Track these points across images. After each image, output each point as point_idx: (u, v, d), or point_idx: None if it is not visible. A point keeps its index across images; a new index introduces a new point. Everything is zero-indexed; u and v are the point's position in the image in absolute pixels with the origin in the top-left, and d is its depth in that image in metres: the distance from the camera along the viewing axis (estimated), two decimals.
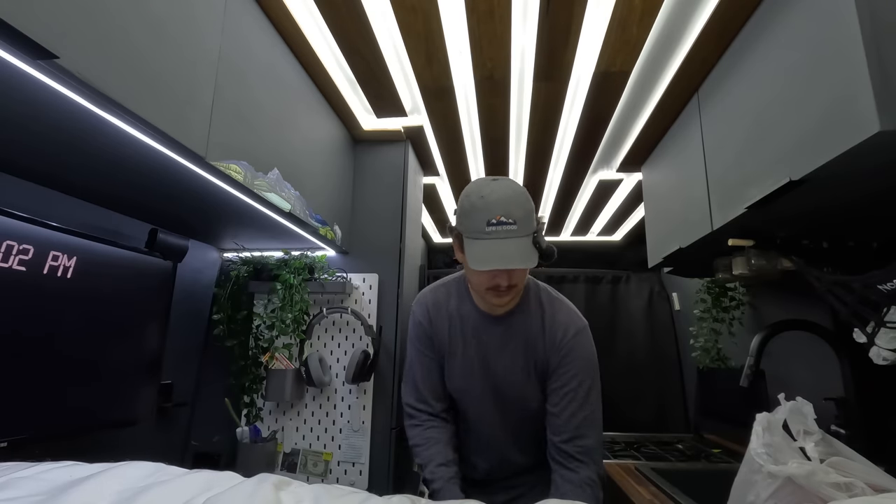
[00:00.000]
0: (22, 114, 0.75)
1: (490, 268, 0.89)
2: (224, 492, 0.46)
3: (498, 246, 0.88)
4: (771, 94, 0.95)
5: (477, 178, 1.01)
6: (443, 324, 1.09)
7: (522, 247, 0.90)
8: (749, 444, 0.75)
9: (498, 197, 0.90)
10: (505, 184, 0.94)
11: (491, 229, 0.88)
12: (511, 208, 0.89)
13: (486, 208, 0.89)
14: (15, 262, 0.93)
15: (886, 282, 0.85)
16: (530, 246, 0.91)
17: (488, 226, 0.88)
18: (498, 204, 0.89)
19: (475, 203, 0.91)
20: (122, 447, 1.29)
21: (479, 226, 0.89)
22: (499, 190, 0.92)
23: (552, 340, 1.02)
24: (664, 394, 2.57)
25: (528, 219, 0.91)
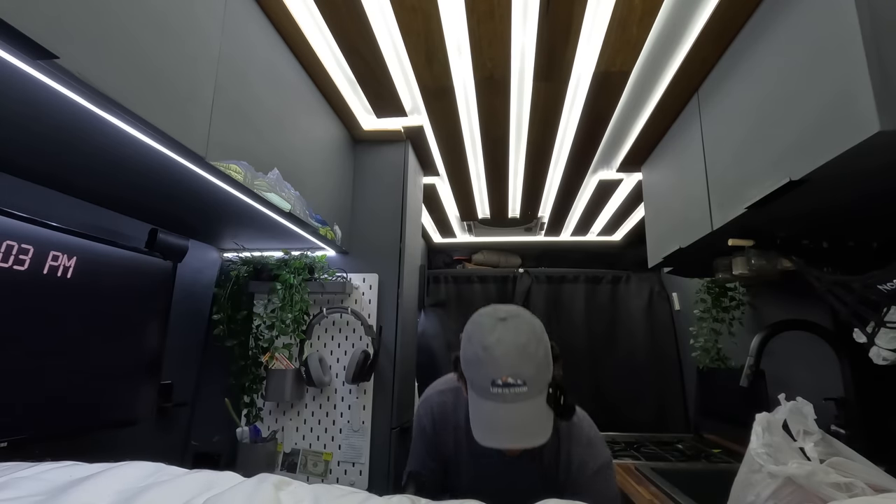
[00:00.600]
0: (22, 114, 0.75)
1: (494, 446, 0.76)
2: (224, 492, 0.46)
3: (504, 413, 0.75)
4: (771, 93, 0.95)
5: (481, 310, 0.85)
6: (448, 437, 0.99)
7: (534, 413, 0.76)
8: (749, 444, 0.75)
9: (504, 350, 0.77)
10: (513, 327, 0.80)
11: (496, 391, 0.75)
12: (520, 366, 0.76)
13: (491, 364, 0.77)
14: (15, 262, 0.93)
15: (886, 282, 0.85)
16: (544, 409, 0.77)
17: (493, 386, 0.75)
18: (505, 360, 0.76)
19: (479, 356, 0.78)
20: (122, 447, 1.29)
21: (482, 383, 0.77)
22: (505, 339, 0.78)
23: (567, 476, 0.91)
24: (664, 394, 2.57)
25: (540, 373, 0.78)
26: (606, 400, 2.64)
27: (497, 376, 0.75)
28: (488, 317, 0.83)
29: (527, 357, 0.77)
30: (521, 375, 0.75)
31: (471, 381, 0.80)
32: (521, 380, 0.75)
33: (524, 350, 0.77)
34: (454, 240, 3.09)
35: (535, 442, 0.75)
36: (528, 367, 0.76)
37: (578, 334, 2.77)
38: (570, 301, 2.87)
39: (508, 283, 2.94)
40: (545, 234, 2.93)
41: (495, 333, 0.79)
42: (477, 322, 0.84)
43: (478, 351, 0.79)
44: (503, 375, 0.75)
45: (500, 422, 0.75)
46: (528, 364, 0.76)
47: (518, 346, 0.77)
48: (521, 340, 0.78)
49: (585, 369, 2.69)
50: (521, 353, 0.77)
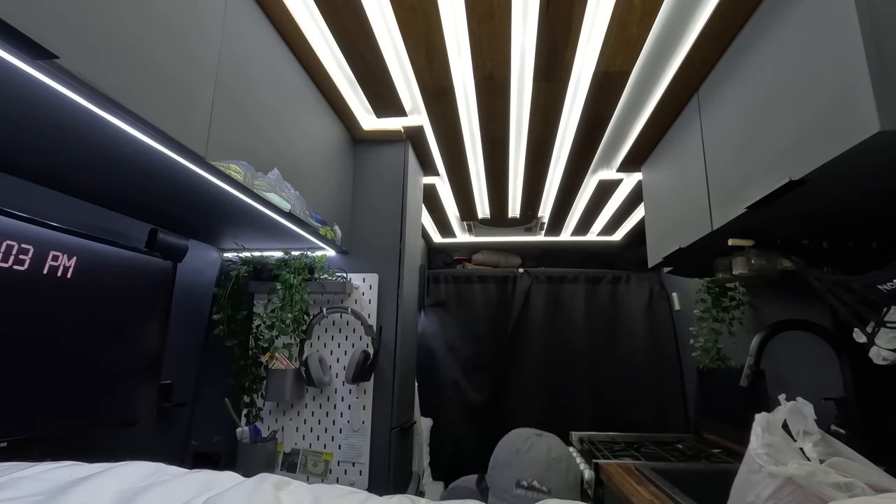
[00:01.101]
0: (22, 113, 0.75)
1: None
2: (224, 492, 0.46)
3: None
4: (771, 93, 0.95)
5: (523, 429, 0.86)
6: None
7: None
8: (749, 444, 0.75)
9: (535, 455, 0.78)
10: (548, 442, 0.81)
11: (519, 492, 0.75)
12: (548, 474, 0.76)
13: (518, 466, 0.78)
14: (15, 262, 0.93)
15: (886, 282, 0.85)
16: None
17: (517, 487, 0.75)
18: (533, 464, 0.77)
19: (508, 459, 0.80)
20: (122, 447, 1.29)
21: (506, 484, 0.77)
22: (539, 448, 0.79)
23: None
24: (664, 394, 2.57)
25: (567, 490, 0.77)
26: (606, 400, 2.64)
27: (523, 478, 0.75)
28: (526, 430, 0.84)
29: (556, 469, 0.77)
30: (548, 483, 0.74)
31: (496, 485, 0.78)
32: (546, 487, 0.74)
33: (556, 462, 0.77)
34: (454, 240, 3.09)
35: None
36: (556, 478, 0.76)
37: (578, 334, 2.77)
38: (570, 301, 2.87)
39: (508, 283, 2.94)
40: (545, 234, 2.93)
41: (529, 441, 0.80)
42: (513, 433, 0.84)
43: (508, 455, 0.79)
44: (529, 478, 0.75)
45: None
46: (556, 475, 0.76)
47: (549, 458, 0.78)
48: (553, 455, 0.78)
49: (585, 369, 2.69)
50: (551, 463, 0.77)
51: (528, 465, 0.75)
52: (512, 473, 0.75)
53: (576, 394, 2.66)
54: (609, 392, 2.65)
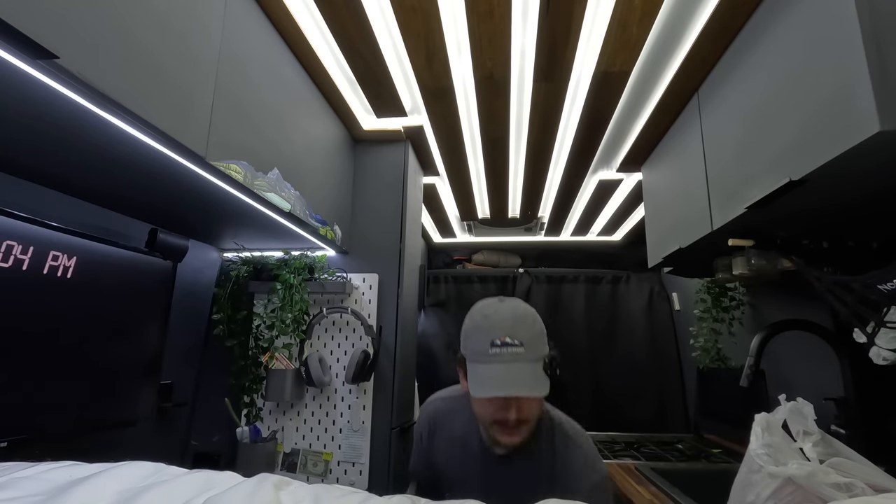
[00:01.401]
0: (22, 113, 0.75)
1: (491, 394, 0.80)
2: (224, 492, 0.46)
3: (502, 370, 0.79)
4: (771, 93, 0.95)
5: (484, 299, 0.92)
6: (442, 449, 1.00)
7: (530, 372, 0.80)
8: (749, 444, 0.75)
9: (502, 317, 0.83)
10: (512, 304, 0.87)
11: (495, 351, 0.80)
12: (517, 329, 0.81)
13: (489, 328, 0.82)
14: (15, 262, 0.93)
15: (886, 282, 0.85)
16: (540, 372, 0.81)
17: (492, 347, 0.80)
18: (503, 323, 0.82)
19: (478, 323, 0.84)
20: (122, 447, 1.29)
21: (481, 347, 0.81)
22: (504, 310, 0.85)
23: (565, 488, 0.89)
24: (664, 394, 2.57)
25: (537, 342, 0.83)
26: (607, 400, 2.64)
27: (496, 337, 0.80)
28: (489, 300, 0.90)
29: (523, 324, 0.83)
30: (518, 336, 0.80)
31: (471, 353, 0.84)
32: (518, 340, 0.80)
33: (522, 319, 0.84)
34: (454, 240, 3.09)
35: (534, 392, 0.79)
36: (525, 331, 0.82)
37: (578, 334, 2.77)
38: (570, 301, 2.87)
39: (508, 283, 2.94)
40: (545, 234, 2.93)
41: (495, 307, 0.86)
42: (478, 305, 0.90)
43: (478, 320, 0.85)
44: (501, 336, 0.80)
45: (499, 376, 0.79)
46: (524, 329, 0.82)
47: (516, 315, 0.84)
48: (518, 313, 0.85)
49: (586, 369, 2.69)
50: (518, 320, 0.83)
51: (498, 325, 0.82)
52: (484, 336, 0.81)
53: (576, 394, 2.66)
54: (609, 392, 2.65)
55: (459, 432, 0.98)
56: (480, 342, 0.82)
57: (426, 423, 1.03)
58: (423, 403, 1.07)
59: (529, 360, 0.80)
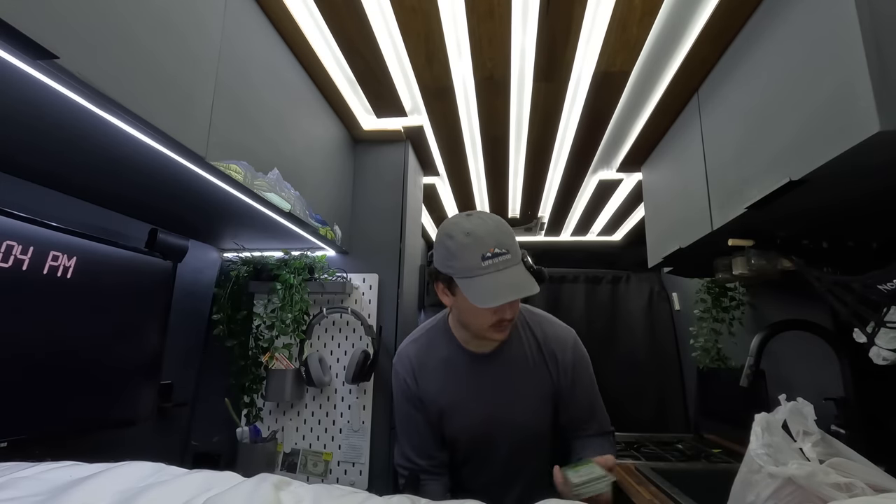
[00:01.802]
0: (22, 113, 0.75)
1: (502, 301, 0.83)
2: (224, 492, 0.46)
3: (502, 277, 0.85)
4: (771, 93, 0.95)
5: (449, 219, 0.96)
6: (432, 379, 1.03)
7: (522, 273, 0.88)
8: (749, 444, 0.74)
9: (485, 230, 0.87)
10: (483, 217, 0.91)
11: (487, 263, 0.84)
12: (500, 238, 0.87)
13: (476, 243, 0.86)
14: (15, 262, 0.93)
15: (886, 282, 0.85)
16: (525, 272, 0.89)
17: (484, 260, 0.84)
18: (488, 236, 0.86)
19: (462, 241, 0.87)
20: (122, 447, 1.29)
21: (473, 262, 0.85)
22: (481, 224, 0.88)
23: (554, 361, 1.03)
24: (664, 394, 2.57)
25: (516, 246, 0.90)
26: (606, 400, 2.61)
27: (486, 250, 0.85)
28: (457, 216, 0.93)
29: (504, 232, 0.89)
30: (504, 245, 0.87)
31: (461, 269, 0.87)
32: (504, 248, 0.86)
33: (500, 228, 0.89)
34: None
35: (532, 290, 0.85)
36: (507, 238, 0.88)
37: (578, 334, 2.76)
38: (570, 301, 2.87)
39: None
40: (545, 234, 2.93)
41: (471, 222, 0.89)
42: (450, 222, 0.93)
43: (461, 239, 0.87)
44: (490, 248, 0.85)
45: (499, 284, 0.84)
46: (506, 237, 0.88)
47: (493, 225, 0.89)
48: (493, 221, 0.90)
49: None
50: (498, 229, 0.89)
51: (484, 238, 0.86)
52: (473, 251, 0.85)
53: None
54: (609, 392, 2.61)
55: (443, 356, 1.04)
56: (470, 258, 0.85)
57: (409, 368, 1.05)
58: (396, 356, 1.09)
59: (516, 263, 0.88)
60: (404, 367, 1.06)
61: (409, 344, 1.09)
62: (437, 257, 0.93)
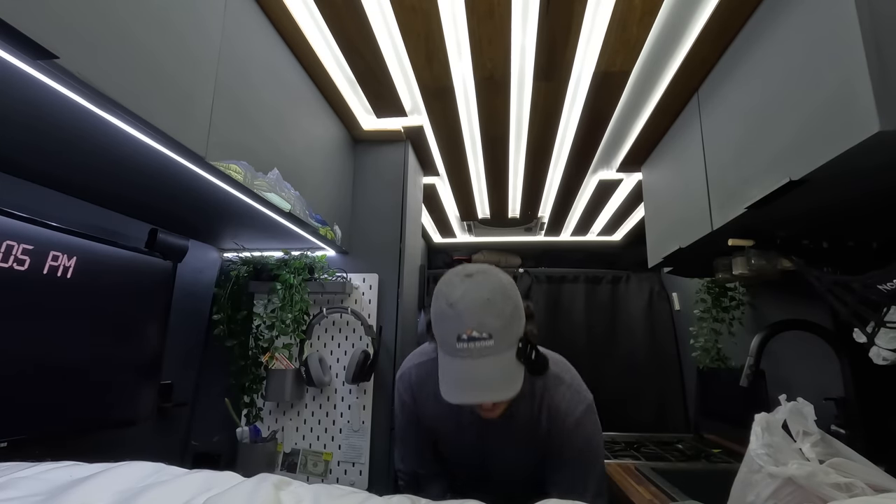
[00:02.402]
0: (22, 113, 0.75)
1: (459, 402, 0.75)
2: (224, 492, 0.46)
3: (470, 369, 0.73)
4: (771, 93, 0.95)
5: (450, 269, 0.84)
6: (430, 406, 0.97)
7: (501, 368, 0.74)
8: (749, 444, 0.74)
9: (469, 303, 0.75)
10: (479, 282, 0.78)
11: (461, 346, 0.73)
12: (485, 317, 0.74)
13: (455, 318, 0.74)
14: (15, 262, 0.93)
15: (886, 282, 0.85)
16: (513, 363, 0.76)
17: (458, 341, 0.73)
18: (469, 313, 0.74)
19: (444, 311, 0.76)
20: (122, 447, 1.29)
21: (448, 339, 0.75)
22: (470, 293, 0.76)
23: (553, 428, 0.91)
24: (664, 394, 2.57)
25: (508, 327, 0.76)
26: (606, 400, 2.61)
27: (462, 330, 0.73)
28: (455, 275, 0.81)
29: (492, 310, 0.75)
30: (486, 328, 0.73)
31: (439, 340, 0.79)
32: (486, 333, 0.73)
33: (489, 304, 0.75)
34: (454, 240, 3.09)
35: (502, 396, 0.74)
36: (494, 320, 0.74)
37: (578, 334, 2.77)
38: (570, 301, 2.87)
39: None
40: (545, 234, 2.93)
41: (461, 288, 0.77)
42: (444, 280, 0.82)
43: (443, 307, 0.77)
44: (468, 329, 0.73)
45: (466, 377, 0.73)
46: (493, 317, 0.75)
47: (482, 300, 0.75)
48: (485, 295, 0.76)
49: (585, 369, 2.66)
50: (485, 306, 0.75)
51: (464, 315, 0.74)
52: (450, 328, 0.75)
53: None
54: (609, 392, 2.64)
55: None
56: (446, 333, 0.76)
57: (409, 388, 1.00)
58: (399, 371, 1.04)
59: (500, 352, 0.75)
60: (405, 386, 1.01)
61: (413, 367, 1.02)
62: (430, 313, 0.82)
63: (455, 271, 0.83)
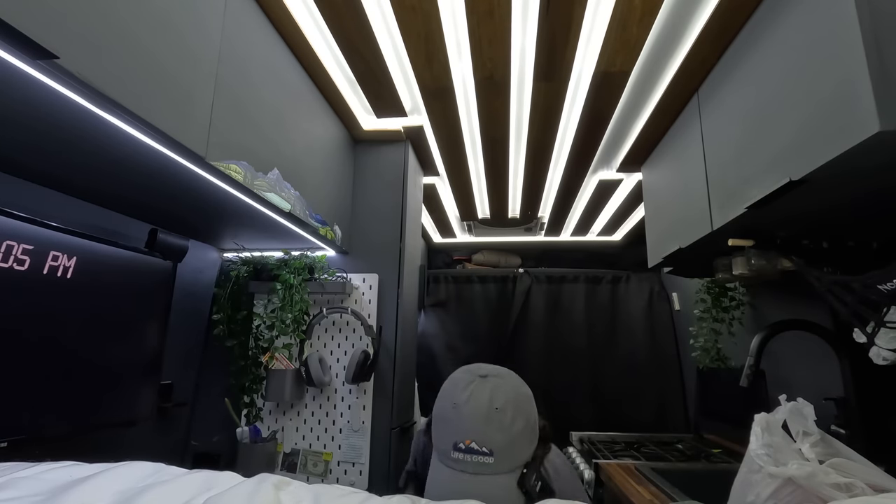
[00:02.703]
0: (22, 113, 0.75)
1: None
2: (224, 492, 0.46)
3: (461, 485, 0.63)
4: (771, 93, 0.95)
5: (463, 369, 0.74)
6: None
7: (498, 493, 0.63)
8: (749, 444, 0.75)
9: (474, 409, 0.66)
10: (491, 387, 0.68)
11: (457, 456, 0.65)
12: (489, 430, 0.65)
13: (457, 422, 0.66)
14: (15, 262, 0.93)
15: (886, 282, 0.85)
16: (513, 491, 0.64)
17: (454, 450, 0.65)
18: (472, 420, 0.65)
19: (446, 412, 0.68)
20: (122, 447, 1.29)
21: (444, 445, 0.67)
22: (479, 398, 0.67)
23: None
24: (664, 394, 2.57)
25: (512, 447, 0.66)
26: (606, 400, 2.64)
27: (461, 438, 0.64)
28: (468, 372, 0.72)
29: (499, 423, 0.65)
30: (489, 443, 0.64)
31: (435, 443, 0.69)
32: (487, 448, 0.64)
33: (498, 414, 0.66)
34: (454, 240, 3.09)
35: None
36: (498, 435, 0.65)
37: (578, 334, 2.77)
38: (570, 301, 2.87)
39: (508, 283, 2.94)
40: (545, 234, 2.93)
41: (470, 389, 0.68)
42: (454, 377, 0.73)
43: (446, 407, 0.69)
44: (467, 438, 0.64)
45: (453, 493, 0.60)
46: (499, 431, 0.65)
47: (490, 408, 0.66)
48: (496, 404, 0.67)
49: (585, 369, 2.69)
50: (493, 417, 0.66)
51: (466, 421, 0.65)
52: (449, 432, 0.66)
53: (576, 394, 2.66)
54: (609, 392, 2.65)
55: None
56: (444, 438, 0.67)
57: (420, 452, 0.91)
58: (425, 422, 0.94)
59: (500, 473, 0.64)
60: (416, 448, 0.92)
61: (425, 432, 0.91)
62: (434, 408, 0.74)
63: (468, 368, 0.74)
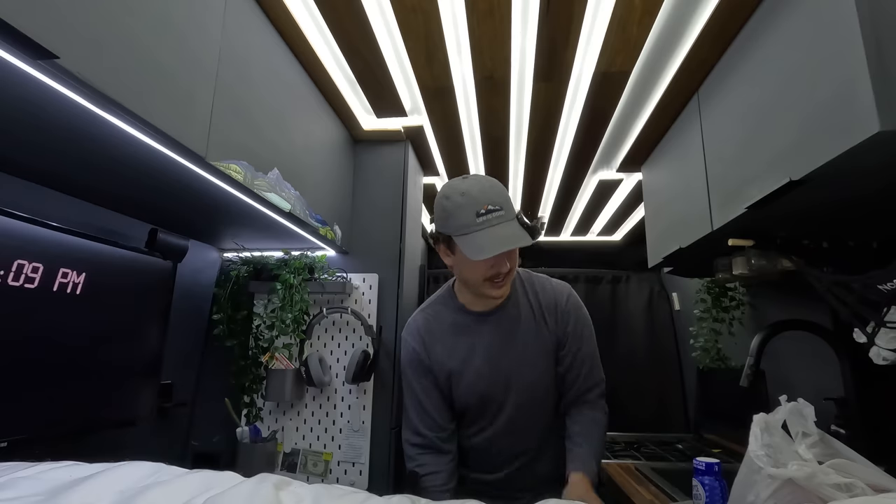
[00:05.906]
0: (22, 113, 0.75)
1: (495, 252, 0.89)
2: (224, 492, 0.46)
3: (494, 231, 0.91)
4: (771, 93, 0.95)
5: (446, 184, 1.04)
6: (440, 343, 1.10)
7: (515, 228, 0.94)
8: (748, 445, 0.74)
9: (479, 189, 0.94)
10: (478, 178, 0.98)
11: (482, 219, 0.91)
12: (493, 196, 0.94)
13: (471, 202, 0.92)
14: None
15: (886, 282, 0.85)
16: (519, 228, 0.94)
17: (478, 216, 0.91)
18: (482, 195, 0.93)
19: (458, 201, 0.94)
20: (122, 447, 1.29)
21: (468, 220, 0.92)
22: (476, 184, 0.96)
23: (554, 313, 1.09)
24: (664, 394, 2.57)
25: (510, 203, 0.96)
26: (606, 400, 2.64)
27: (479, 207, 0.92)
28: (454, 180, 1.00)
29: (496, 191, 0.96)
30: (497, 202, 0.93)
31: (458, 227, 0.93)
32: (497, 205, 0.93)
33: (493, 187, 0.96)
34: None
35: (524, 242, 0.92)
36: (500, 197, 0.95)
37: None
38: None
39: None
40: (545, 234, 2.93)
41: (465, 184, 0.96)
42: (446, 187, 0.99)
43: (457, 199, 0.94)
44: (484, 205, 0.92)
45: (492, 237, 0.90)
46: (498, 195, 0.95)
47: (488, 184, 0.96)
48: (487, 181, 0.98)
49: None
50: (491, 188, 0.96)
51: (478, 197, 0.93)
52: (469, 209, 0.92)
53: None
54: (609, 392, 2.64)
55: (450, 321, 1.11)
56: (466, 216, 0.92)
57: (418, 335, 1.11)
58: (405, 326, 1.16)
59: (510, 219, 0.94)
60: (413, 336, 1.12)
61: (418, 313, 1.16)
62: (437, 219, 0.99)
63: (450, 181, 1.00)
